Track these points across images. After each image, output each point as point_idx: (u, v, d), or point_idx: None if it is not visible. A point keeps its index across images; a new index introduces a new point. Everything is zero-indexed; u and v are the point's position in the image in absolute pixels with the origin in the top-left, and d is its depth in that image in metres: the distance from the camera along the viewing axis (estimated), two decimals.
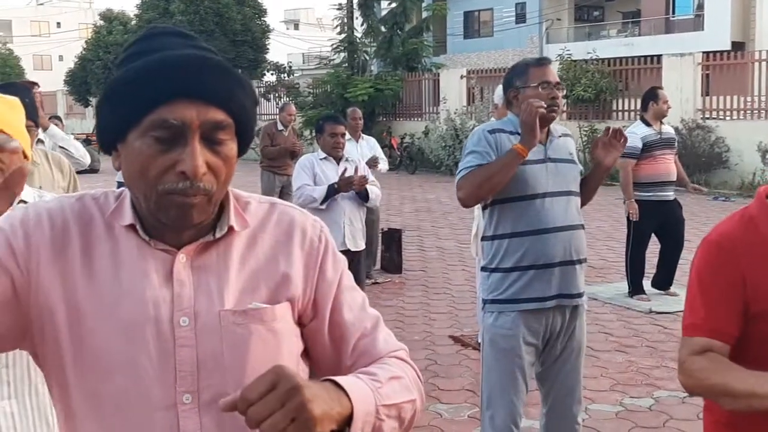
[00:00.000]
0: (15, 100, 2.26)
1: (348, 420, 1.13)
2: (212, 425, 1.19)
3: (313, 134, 5.80)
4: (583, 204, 3.21)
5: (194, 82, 1.15)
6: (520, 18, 32.23)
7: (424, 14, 26.93)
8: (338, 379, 1.16)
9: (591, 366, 5.22)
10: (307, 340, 1.31)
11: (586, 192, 3.21)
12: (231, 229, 1.25)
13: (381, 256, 8.55)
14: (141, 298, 1.18)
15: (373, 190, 5.60)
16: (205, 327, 1.20)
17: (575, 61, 19.65)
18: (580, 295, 3.09)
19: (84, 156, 4.74)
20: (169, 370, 1.18)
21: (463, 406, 4.66)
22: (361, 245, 5.57)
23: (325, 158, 5.55)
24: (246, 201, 1.31)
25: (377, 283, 7.83)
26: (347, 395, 1.13)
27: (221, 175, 1.19)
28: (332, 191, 5.28)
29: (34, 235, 1.19)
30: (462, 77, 22.34)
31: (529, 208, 2.99)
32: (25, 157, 2.19)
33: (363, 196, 5.48)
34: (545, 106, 2.92)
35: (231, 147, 1.20)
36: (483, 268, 3.16)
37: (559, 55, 20.09)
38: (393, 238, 8.59)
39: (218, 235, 1.24)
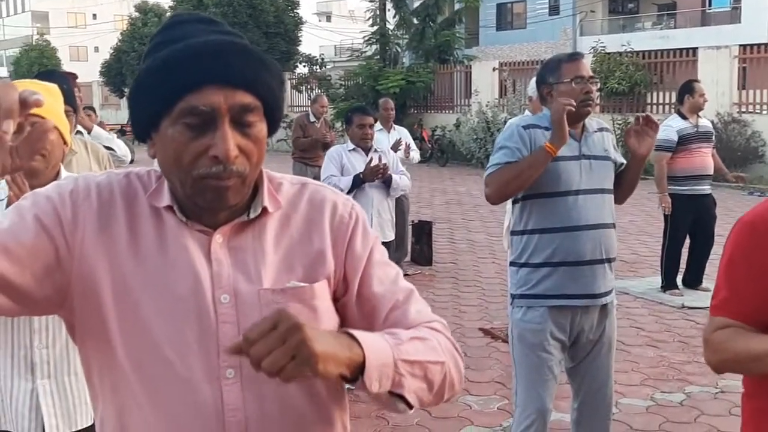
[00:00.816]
0: (54, 87, 2.32)
1: (360, 368, 1.13)
2: (255, 399, 1.23)
3: (345, 126, 5.83)
4: (622, 200, 3.17)
5: (219, 67, 1.17)
6: (554, 10, 31.95)
7: (457, 6, 26.79)
8: (352, 330, 1.17)
9: (622, 360, 5.19)
10: (340, 314, 1.33)
11: (625, 186, 3.16)
12: (265, 209, 1.28)
13: (411, 248, 8.56)
14: (185, 274, 1.22)
15: (403, 179, 5.60)
16: (246, 305, 1.23)
17: (609, 53, 19.44)
18: (608, 294, 3.07)
19: (126, 154, 4.84)
20: (212, 345, 1.21)
21: (492, 398, 4.67)
22: (390, 236, 5.59)
23: (353, 149, 5.56)
24: (279, 182, 1.34)
25: (407, 275, 7.83)
26: (360, 344, 1.14)
27: (253, 156, 1.22)
28: (358, 181, 5.29)
29: (82, 206, 1.22)
30: (494, 69, 22.22)
31: (560, 205, 2.98)
32: (65, 142, 2.24)
33: (387, 185, 5.49)
34: (574, 104, 2.89)
35: (261, 128, 1.23)
36: (512, 263, 3.15)
37: (593, 47, 19.90)
38: (423, 230, 8.59)
39: (252, 215, 1.27)
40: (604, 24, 32.65)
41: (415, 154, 7.98)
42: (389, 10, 26.10)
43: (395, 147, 7.37)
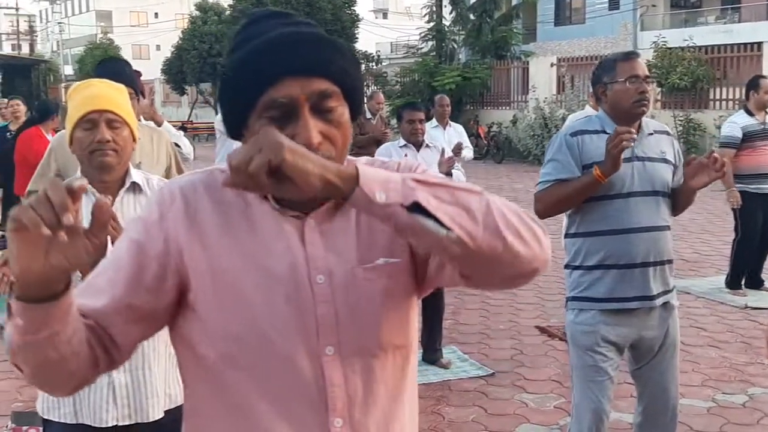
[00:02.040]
0: (122, 86, 2.39)
1: (356, 180, 1.09)
2: (354, 376, 1.27)
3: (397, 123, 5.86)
4: (676, 213, 3.11)
5: (292, 58, 1.21)
6: (614, 4, 31.41)
7: (514, 1, 26.62)
8: None
9: (682, 361, 5.08)
10: (440, 271, 1.30)
11: (677, 204, 3.11)
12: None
13: None
14: (280, 257, 1.26)
15: (458, 175, 5.59)
16: (340, 284, 1.27)
17: (670, 48, 19.05)
18: (664, 294, 3.02)
19: (190, 152, 4.95)
20: (310, 324, 1.25)
21: (549, 396, 4.64)
22: None
23: (405, 145, 5.57)
24: (353, 161, 1.36)
25: None
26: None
27: (337, 141, 1.24)
28: None
29: (169, 212, 1.27)
30: (552, 65, 21.99)
31: (611, 208, 2.95)
32: (134, 139, 2.31)
33: None
34: (631, 144, 2.84)
35: (342, 113, 1.25)
36: (566, 266, 3.14)
37: (654, 42, 19.53)
38: None
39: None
40: (666, 18, 31.98)
41: (468, 152, 7.94)
42: (446, 6, 26.05)
43: (457, 150, 7.34)
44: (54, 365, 1.16)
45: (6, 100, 10.06)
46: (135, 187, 2.31)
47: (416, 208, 1.09)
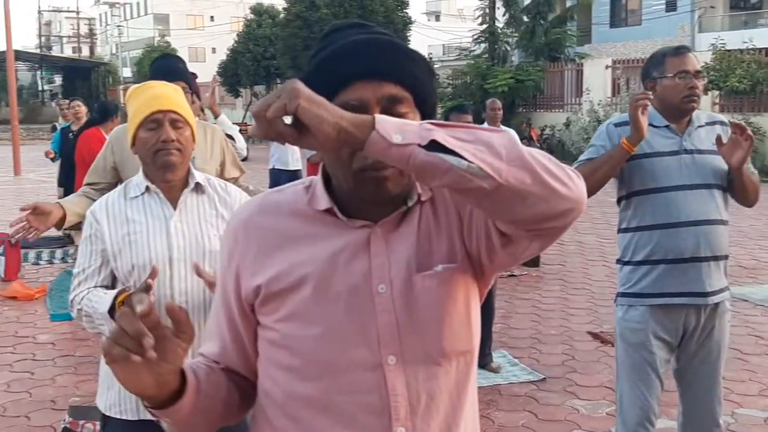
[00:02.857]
0: (179, 87, 2.44)
1: (371, 126, 1.07)
2: (417, 384, 1.28)
3: None
4: (745, 203, 3.04)
5: (364, 62, 1.24)
6: (671, 6, 30.85)
7: (569, 3, 26.34)
8: None
9: (739, 369, 4.99)
10: (491, 258, 1.29)
11: (737, 192, 3.03)
12: (419, 198, 1.32)
13: None
14: (343, 268, 1.28)
15: None
16: (401, 293, 1.27)
17: (729, 50, 18.64)
18: (716, 293, 2.95)
19: (243, 148, 4.99)
20: (372, 334, 1.27)
21: (601, 402, 4.58)
22: None
23: None
24: None
25: (513, 275, 7.78)
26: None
27: None
28: None
29: (236, 249, 1.35)
30: (607, 67, 21.71)
31: (658, 201, 2.91)
32: (193, 139, 2.35)
33: None
34: (647, 103, 2.82)
35: (412, 118, 1.25)
36: (617, 261, 3.13)
37: (712, 44, 19.14)
38: None
39: (410, 203, 1.31)
40: (725, 20, 31.29)
41: None
42: (499, 8, 25.90)
43: None
44: (217, 420, 1.34)
45: (67, 102, 10.33)
46: (198, 188, 2.34)
47: (435, 146, 1.07)
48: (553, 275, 8.02)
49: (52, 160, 9.74)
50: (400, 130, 1.07)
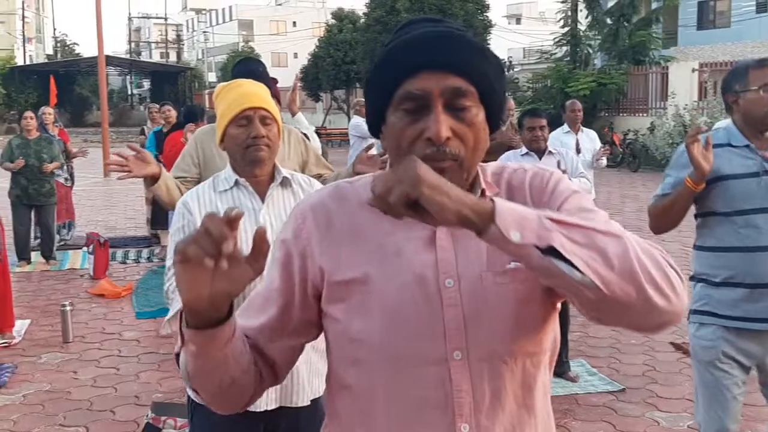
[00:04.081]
0: (264, 87, 2.50)
1: (491, 217, 1.08)
2: (482, 381, 1.26)
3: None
4: None
5: (432, 53, 1.24)
6: (761, 7, 29.76)
7: (654, 5, 25.71)
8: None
9: None
10: None
11: None
12: (482, 193, 1.31)
13: None
14: (410, 263, 1.27)
15: (582, 182, 5.43)
16: (469, 288, 1.26)
17: None
18: None
19: (318, 149, 5.06)
20: (438, 328, 1.26)
21: (682, 415, 4.45)
22: None
23: (526, 153, 5.48)
24: (483, 168, 1.37)
25: None
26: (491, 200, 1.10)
27: (468, 140, 1.25)
28: None
29: (303, 229, 1.34)
30: (693, 71, 21.09)
31: (736, 224, 2.81)
32: (279, 135, 2.42)
33: None
34: (699, 138, 2.72)
35: (475, 113, 1.26)
36: (691, 278, 3.04)
37: None
38: None
39: None
40: None
41: (603, 160, 7.73)
42: (581, 10, 25.49)
43: (599, 156, 7.16)
44: (228, 387, 1.27)
45: (158, 106, 10.69)
46: (285, 182, 2.41)
47: (551, 250, 1.08)
48: None
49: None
50: (519, 225, 1.07)
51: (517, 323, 1.26)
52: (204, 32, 69.59)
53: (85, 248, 8.96)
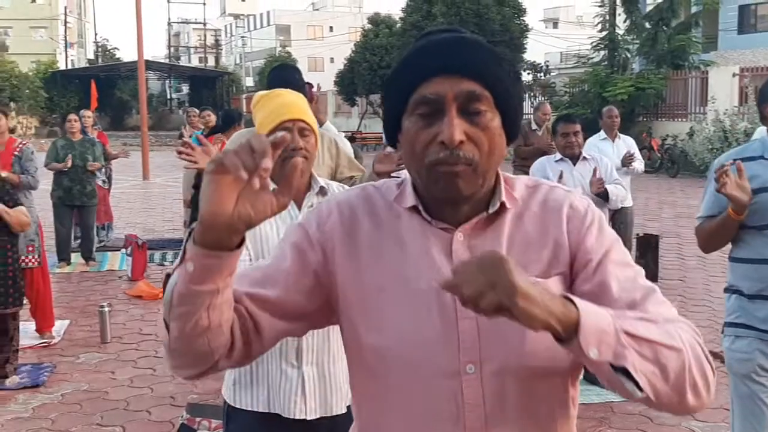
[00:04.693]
0: (301, 95, 2.52)
1: (575, 328, 1.09)
2: (494, 396, 1.25)
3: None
4: None
5: (444, 58, 1.25)
6: None
7: (694, 9, 25.35)
8: (567, 294, 1.15)
9: None
10: None
11: None
12: (502, 206, 1.31)
13: (636, 263, 8.18)
14: (426, 272, 1.27)
15: (618, 188, 5.36)
16: None
17: None
18: None
19: (349, 152, 5.08)
20: (452, 341, 1.25)
21: (720, 425, 4.39)
22: None
23: (560, 159, 5.43)
24: (513, 181, 1.37)
25: None
26: (575, 305, 1.10)
27: (482, 145, 1.25)
28: None
29: (327, 223, 1.34)
30: (734, 75, 20.77)
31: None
32: (316, 145, 2.43)
33: (603, 197, 5.27)
34: (727, 169, 2.68)
35: (490, 118, 1.26)
36: (725, 290, 3.01)
37: None
38: (649, 245, 8.23)
39: (491, 210, 1.30)
40: None
41: (639, 164, 7.64)
42: (620, 14, 25.24)
43: (626, 161, 7.08)
44: (199, 333, 1.17)
45: (197, 110, 10.82)
46: (321, 191, 2.44)
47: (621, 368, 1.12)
48: (672, 290, 7.73)
49: None
50: (598, 341, 1.09)
51: (534, 340, 1.22)
52: (242, 37, 70.21)
53: (123, 250, 9.10)
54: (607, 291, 1.26)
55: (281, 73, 3.90)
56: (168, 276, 1.21)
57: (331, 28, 66.54)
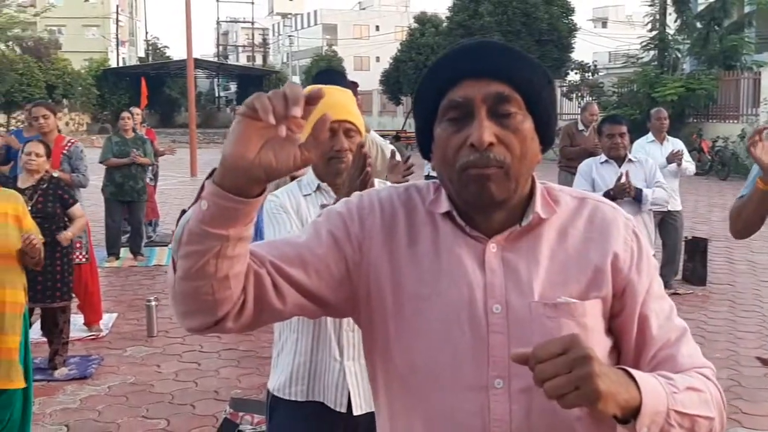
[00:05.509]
0: (349, 92, 2.51)
1: (634, 412, 1.11)
2: (521, 413, 1.23)
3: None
4: None
5: (473, 62, 1.25)
6: None
7: (747, 8, 24.80)
8: (631, 370, 1.15)
9: None
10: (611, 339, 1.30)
11: None
12: (537, 217, 1.28)
13: (683, 266, 8.10)
14: (459, 282, 1.26)
15: (658, 192, 5.25)
16: (517, 316, 1.24)
17: None
18: None
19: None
20: (482, 354, 1.24)
21: None
22: None
23: (605, 161, 5.34)
24: (557, 193, 1.34)
25: (677, 294, 7.42)
26: (637, 387, 1.12)
27: (514, 147, 1.23)
28: (608, 198, 5.05)
29: (368, 219, 1.33)
30: None
31: None
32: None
33: (638, 199, 5.16)
34: (757, 139, 2.61)
35: (521, 120, 1.24)
36: None
37: None
38: (698, 248, 8.09)
39: (524, 223, 1.28)
40: None
41: (690, 166, 7.51)
42: (670, 14, 24.82)
43: (671, 159, 6.97)
44: (206, 279, 1.14)
45: None
46: None
47: None
48: (720, 295, 7.59)
49: None
50: (650, 422, 1.13)
51: None
52: (289, 36, 70.63)
53: (170, 245, 9.22)
54: (648, 327, 1.28)
55: (325, 78, 3.92)
56: (183, 212, 1.19)
57: (377, 27, 66.56)
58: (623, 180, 5.06)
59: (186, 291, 1.17)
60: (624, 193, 4.99)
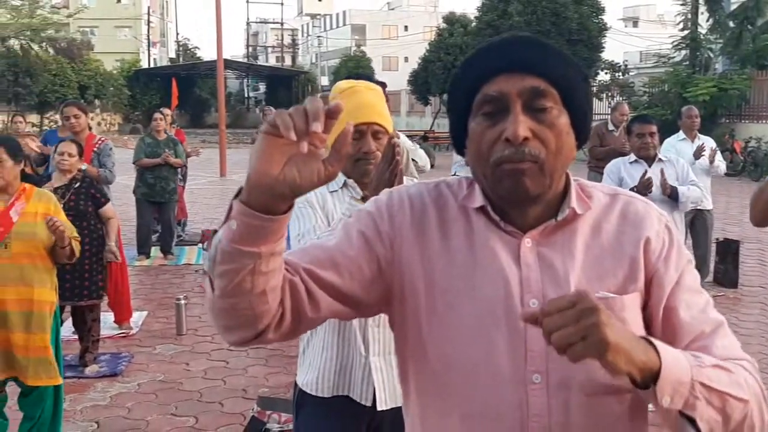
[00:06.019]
0: (379, 89, 2.48)
1: (654, 377, 1.09)
2: (560, 408, 1.23)
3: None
4: None
5: (507, 56, 1.25)
6: None
7: None
8: (651, 338, 1.13)
9: None
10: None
11: None
12: (573, 212, 1.28)
13: (714, 268, 8.00)
14: (494, 277, 1.26)
15: (693, 190, 5.19)
16: None
17: None
18: None
19: (426, 164, 5.08)
20: (519, 349, 1.24)
21: None
22: None
23: (635, 161, 5.29)
24: (590, 189, 1.34)
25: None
26: (657, 352, 1.10)
27: (549, 142, 1.23)
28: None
29: (397, 216, 1.33)
30: None
31: None
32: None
33: (674, 197, 5.11)
34: None
35: (557, 115, 1.24)
36: None
37: None
38: (729, 250, 7.99)
39: (560, 217, 1.28)
40: None
41: (721, 165, 7.41)
42: (702, 13, 24.53)
43: (697, 153, 6.90)
44: (243, 295, 1.15)
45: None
46: None
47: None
48: (752, 297, 7.49)
49: None
50: (673, 390, 1.11)
51: None
52: (318, 37, 70.84)
53: (200, 245, 9.31)
54: (676, 318, 1.26)
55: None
56: (215, 232, 1.19)
57: (405, 27, 66.50)
58: (661, 179, 5.02)
59: (224, 308, 1.18)
60: (648, 189, 4.93)
